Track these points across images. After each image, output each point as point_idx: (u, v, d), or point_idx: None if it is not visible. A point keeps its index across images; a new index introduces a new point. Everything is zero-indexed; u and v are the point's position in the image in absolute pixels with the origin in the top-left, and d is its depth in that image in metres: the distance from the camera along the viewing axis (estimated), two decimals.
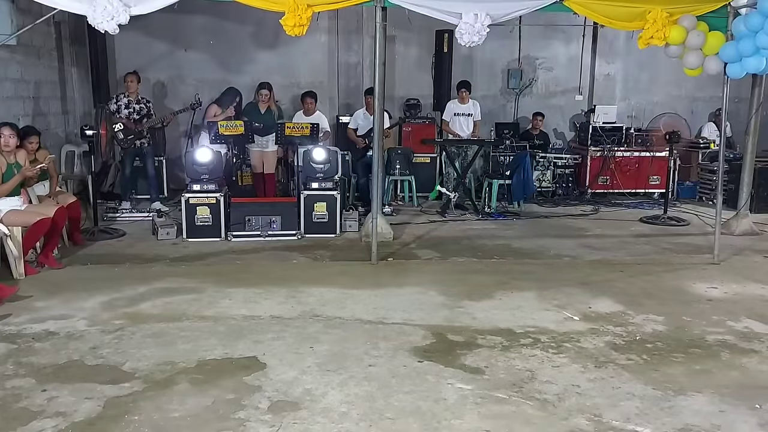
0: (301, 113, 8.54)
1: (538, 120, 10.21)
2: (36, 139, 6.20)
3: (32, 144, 6.12)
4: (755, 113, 7.23)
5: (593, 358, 3.96)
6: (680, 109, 10.52)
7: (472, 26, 5.81)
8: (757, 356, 4.06)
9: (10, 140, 5.61)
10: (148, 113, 8.12)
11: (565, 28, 10.31)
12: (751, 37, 5.53)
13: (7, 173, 5.58)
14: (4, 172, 5.56)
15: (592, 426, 3.17)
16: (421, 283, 5.43)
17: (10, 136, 5.61)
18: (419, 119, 9.85)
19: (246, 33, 9.85)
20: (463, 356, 3.97)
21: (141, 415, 3.21)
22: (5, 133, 5.60)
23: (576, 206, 9.22)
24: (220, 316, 4.61)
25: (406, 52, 10.40)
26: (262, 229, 6.92)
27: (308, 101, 8.45)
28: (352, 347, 4.07)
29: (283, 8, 5.53)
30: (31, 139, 6.12)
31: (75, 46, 9.13)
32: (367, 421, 3.18)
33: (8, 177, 5.56)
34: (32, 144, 6.12)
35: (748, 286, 5.54)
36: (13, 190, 5.61)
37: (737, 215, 7.57)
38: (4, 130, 5.61)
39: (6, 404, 3.31)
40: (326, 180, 7.23)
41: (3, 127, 5.63)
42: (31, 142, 6.11)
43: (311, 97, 8.50)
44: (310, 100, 8.45)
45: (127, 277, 5.46)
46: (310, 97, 8.49)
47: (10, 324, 4.38)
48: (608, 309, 4.86)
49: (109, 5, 5.27)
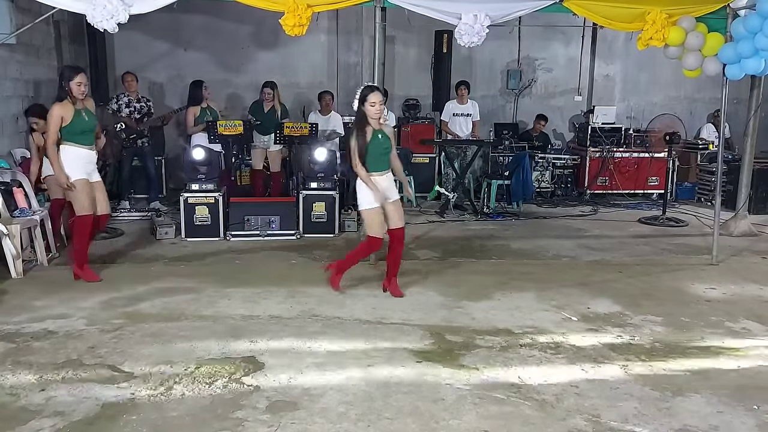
0: (318, 112, 8.56)
1: (541, 123, 10.21)
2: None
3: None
4: (754, 114, 7.24)
5: (591, 359, 3.97)
6: (679, 110, 10.53)
7: (472, 27, 5.81)
8: (755, 357, 4.06)
9: (86, 88, 5.29)
10: (148, 112, 8.12)
11: (565, 29, 10.31)
12: (750, 38, 5.53)
13: (76, 120, 5.19)
14: (72, 121, 5.17)
15: (591, 426, 3.17)
16: (419, 283, 5.43)
17: (86, 84, 5.29)
18: (418, 119, 9.86)
19: (246, 33, 9.85)
20: (462, 356, 3.97)
21: (139, 414, 3.21)
22: (83, 80, 5.23)
23: (575, 207, 9.23)
24: (219, 315, 4.61)
25: (406, 52, 10.40)
26: (260, 228, 6.92)
27: (326, 99, 8.49)
28: (351, 347, 4.07)
29: (283, 8, 5.53)
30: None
31: (74, 46, 9.11)
32: (365, 421, 3.18)
33: (77, 124, 5.18)
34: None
35: (747, 286, 5.55)
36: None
37: (736, 216, 7.58)
38: (80, 77, 5.21)
39: (4, 404, 3.31)
40: (325, 180, 7.23)
41: (79, 74, 5.23)
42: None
43: (329, 95, 8.52)
44: (327, 97, 8.48)
45: (126, 276, 5.46)
46: (328, 96, 8.50)
47: (8, 323, 4.38)
48: (607, 309, 4.87)
49: (108, 4, 5.26)
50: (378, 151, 4.84)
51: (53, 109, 5.17)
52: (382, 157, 4.87)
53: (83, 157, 5.27)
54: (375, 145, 4.81)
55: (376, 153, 4.83)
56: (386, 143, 4.87)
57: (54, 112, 5.13)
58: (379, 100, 4.75)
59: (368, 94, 4.75)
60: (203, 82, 8.02)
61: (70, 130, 5.17)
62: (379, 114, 4.79)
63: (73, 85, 5.17)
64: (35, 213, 5.80)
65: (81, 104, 5.27)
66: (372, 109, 4.74)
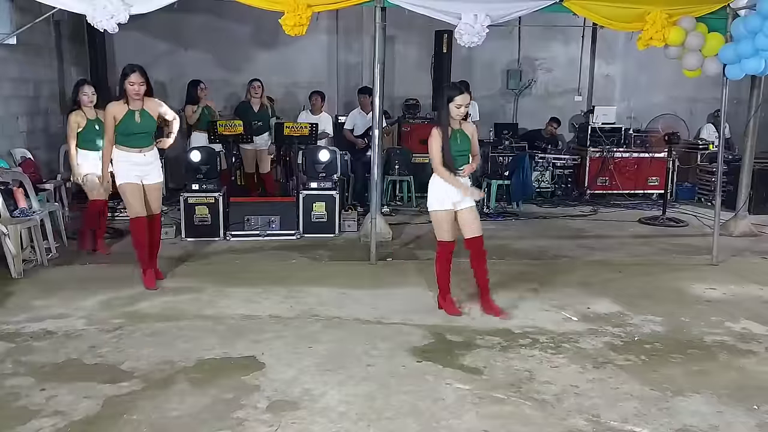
0: (308, 112, 8.56)
1: (553, 126, 10.20)
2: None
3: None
4: (754, 114, 7.25)
5: (592, 359, 3.97)
6: (679, 110, 10.51)
7: (472, 27, 5.82)
8: (755, 357, 4.07)
9: (140, 88, 5.01)
10: None
11: (565, 29, 10.31)
12: (750, 38, 5.53)
13: (126, 121, 5.03)
14: (121, 121, 5.03)
15: (591, 426, 3.17)
16: (419, 283, 5.43)
17: (140, 84, 5.01)
18: (418, 119, 9.85)
19: (246, 32, 9.85)
20: (462, 356, 3.97)
21: (140, 414, 3.21)
22: (137, 80, 4.99)
23: (575, 207, 9.23)
24: (219, 315, 4.61)
25: (406, 52, 10.41)
26: (260, 228, 6.92)
27: (315, 99, 8.50)
28: (351, 347, 4.07)
29: (283, 8, 5.53)
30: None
31: (74, 45, 9.11)
32: (365, 420, 3.18)
33: (126, 125, 5.02)
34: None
35: (747, 287, 5.55)
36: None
37: (736, 216, 7.58)
38: (134, 76, 4.98)
39: (5, 403, 3.31)
40: (325, 180, 7.23)
41: (133, 73, 4.99)
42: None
43: (319, 95, 8.53)
44: (317, 98, 8.49)
45: (126, 276, 5.45)
46: (317, 96, 8.51)
47: (8, 323, 4.38)
48: (607, 309, 4.87)
49: (108, 4, 5.26)
50: (454, 152, 4.55)
51: (107, 106, 5.09)
52: (459, 158, 4.57)
53: (130, 160, 5.08)
54: (451, 145, 4.55)
55: (452, 153, 4.55)
56: (464, 145, 4.60)
57: (107, 110, 5.08)
58: (466, 102, 4.49)
59: (455, 96, 4.45)
60: (199, 82, 8.02)
61: (119, 131, 5.04)
62: (462, 116, 4.55)
63: (126, 84, 4.97)
64: (35, 213, 5.80)
65: (137, 105, 5.05)
66: (456, 110, 4.48)
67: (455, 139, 4.57)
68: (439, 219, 4.65)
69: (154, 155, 5.26)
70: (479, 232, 4.66)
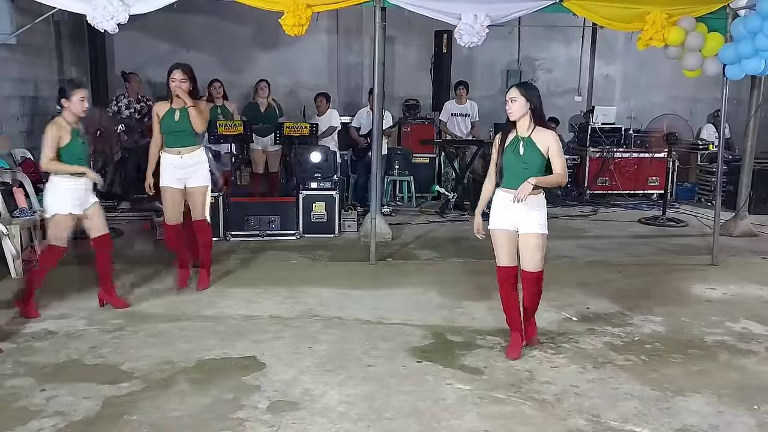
0: (315, 116, 8.61)
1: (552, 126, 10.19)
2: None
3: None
4: (754, 115, 7.25)
5: (592, 359, 3.97)
6: (679, 110, 10.49)
7: (472, 27, 5.82)
8: (755, 357, 4.07)
9: (182, 84, 4.88)
10: (149, 112, 8.11)
11: (565, 29, 10.30)
12: (750, 38, 5.53)
13: (165, 119, 4.93)
14: (161, 119, 4.92)
15: (591, 426, 3.18)
16: (420, 283, 5.43)
17: (181, 80, 4.88)
18: (418, 119, 9.85)
19: (247, 33, 9.84)
20: (462, 356, 3.97)
21: (140, 414, 3.21)
22: (178, 77, 4.88)
23: (575, 207, 9.23)
24: (220, 315, 4.61)
25: (406, 52, 10.40)
26: (260, 228, 6.92)
27: (320, 100, 8.53)
28: (351, 347, 4.07)
29: (283, 8, 5.53)
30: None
31: (74, 45, 9.11)
32: (365, 421, 3.19)
33: (164, 123, 4.92)
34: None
35: (747, 287, 5.55)
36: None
37: (736, 216, 7.58)
38: (176, 73, 4.89)
39: (5, 403, 3.31)
40: (325, 180, 7.23)
41: (176, 69, 4.90)
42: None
43: (324, 97, 8.55)
44: (321, 99, 8.52)
45: (126, 276, 5.44)
46: (322, 97, 8.54)
47: (9, 323, 4.38)
48: (607, 309, 4.87)
49: (108, 4, 5.26)
50: (513, 164, 3.74)
51: (154, 104, 5.03)
52: (515, 174, 3.73)
53: (168, 162, 4.95)
54: (511, 155, 3.74)
55: (510, 165, 3.77)
56: (530, 157, 3.70)
57: (153, 108, 5.05)
58: (511, 97, 3.80)
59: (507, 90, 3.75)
60: (215, 80, 7.94)
61: (161, 130, 4.96)
62: (511, 111, 3.78)
63: (170, 81, 4.91)
64: (35, 213, 5.79)
65: (179, 103, 4.91)
66: (505, 106, 3.81)
67: (514, 148, 3.78)
68: (494, 239, 3.94)
69: (194, 157, 5.00)
70: (534, 267, 3.88)
